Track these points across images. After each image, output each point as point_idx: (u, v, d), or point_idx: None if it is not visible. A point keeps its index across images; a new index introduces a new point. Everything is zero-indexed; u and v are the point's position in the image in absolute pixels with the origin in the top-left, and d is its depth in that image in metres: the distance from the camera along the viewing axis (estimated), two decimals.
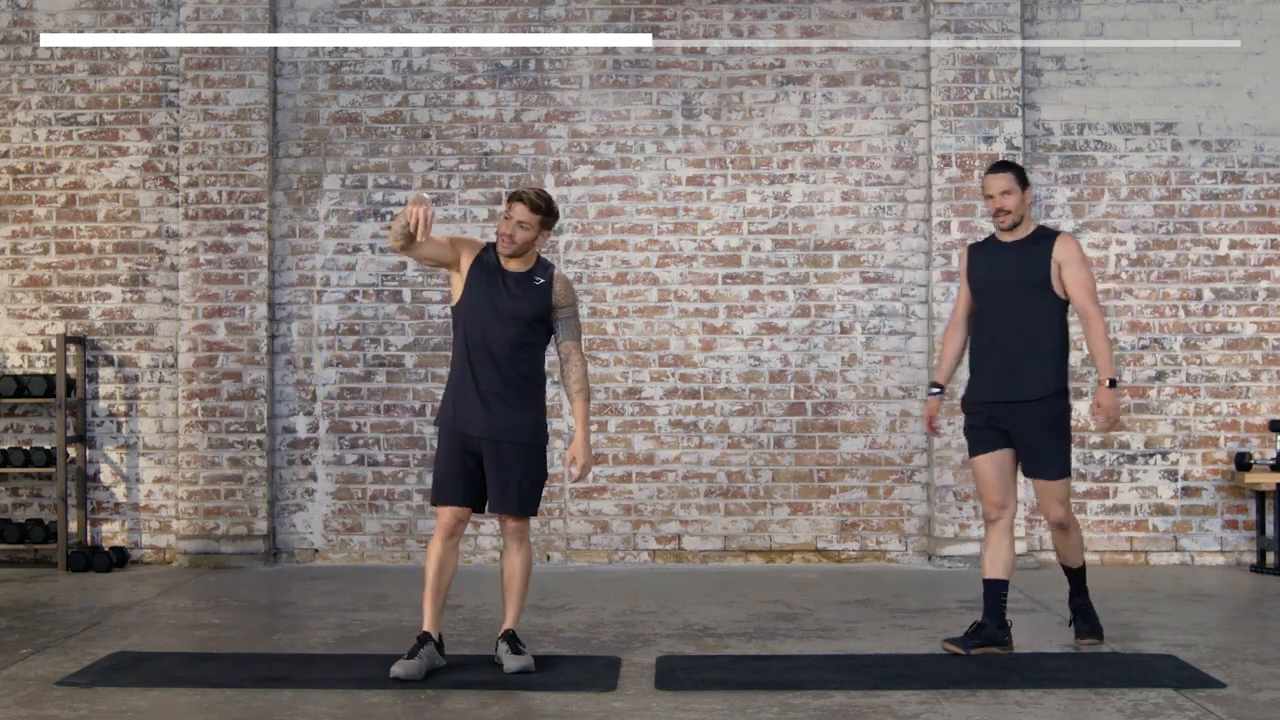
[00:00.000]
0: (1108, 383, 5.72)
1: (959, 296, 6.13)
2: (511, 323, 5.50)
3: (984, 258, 5.99)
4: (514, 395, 5.52)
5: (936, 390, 6.14)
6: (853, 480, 8.51)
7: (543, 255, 5.79)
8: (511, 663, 5.51)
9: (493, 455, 5.49)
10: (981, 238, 6.42)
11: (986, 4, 8.42)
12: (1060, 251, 5.80)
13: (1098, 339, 5.76)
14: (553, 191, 8.62)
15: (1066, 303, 5.86)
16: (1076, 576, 6.07)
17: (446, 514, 5.51)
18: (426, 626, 5.50)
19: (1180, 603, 7.18)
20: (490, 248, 5.62)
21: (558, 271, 5.65)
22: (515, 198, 5.51)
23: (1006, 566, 5.84)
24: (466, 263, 5.56)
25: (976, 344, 5.98)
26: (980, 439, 5.88)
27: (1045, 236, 5.89)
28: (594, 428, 8.56)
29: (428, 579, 5.50)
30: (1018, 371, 5.78)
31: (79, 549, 8.42)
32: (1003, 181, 5.87)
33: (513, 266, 5.57)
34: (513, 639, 5.59)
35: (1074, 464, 8.46)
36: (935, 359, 8.34)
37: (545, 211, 5.53)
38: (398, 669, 5.36)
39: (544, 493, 5.74)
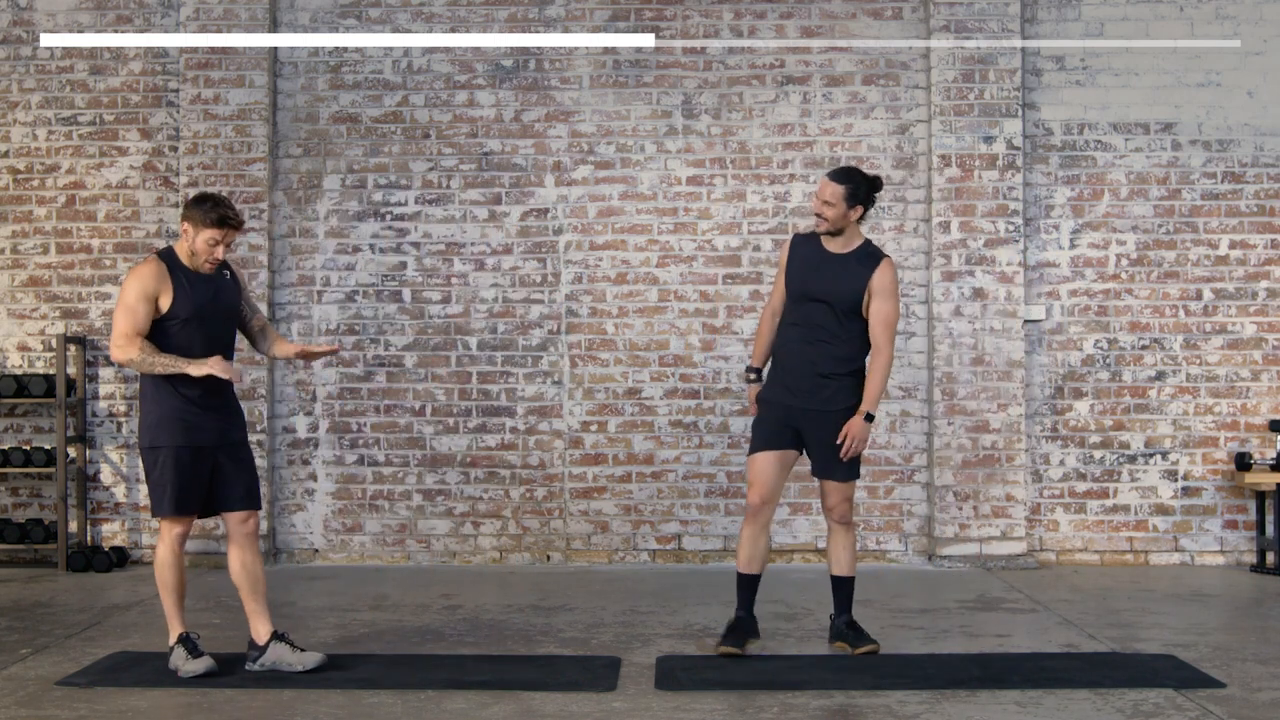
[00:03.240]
0: (865, 415, 5.70)
1: (777, 284, 6.03)
2: (228, 321, 5.66)
3: (806, 257, 5.90)
4: (227, 395, 5.62)
5: (755, 376, 6.05)
6: None
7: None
8: (309, 659, 5.54)
9: (229, 458, 5.57)
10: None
11: (986, 4, 8.42)
12: (878, 279, 5.75)
13: (878, 374, 5.74)
14: (553, 191, 8.64)
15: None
16: (847, 589, 6.01)
17: (186, 524, 5.56)
18: (184, 628, 5.58)
19: (1180, 603, 7.19)
20: (169, 260, 5.51)
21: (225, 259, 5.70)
22: (224, 222, 5.43)
23: (764, 561, 5.95)
24: (165, 288, 5.45)
25: (782, 346, 5.91)
26: (770, 436, 5.82)
27: (871, 256, 5.82)
28: (594, 428, 8.57)
29: (172, 586, 5.53)
30: (822, 382, 5.75)
31: (79, 549, 8.42)
32: (832, 191, 5.79)
33: (205, 269, 5.57)
34: (287, 637, 5.64)
35: (1074, 464, 8.49)
36: (933, 358, 8.35)
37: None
38: (198, 666, 5.41)
39: (543, 493, 5.72)
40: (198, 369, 5.37)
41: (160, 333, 5.47)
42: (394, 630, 6.45)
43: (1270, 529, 8.28)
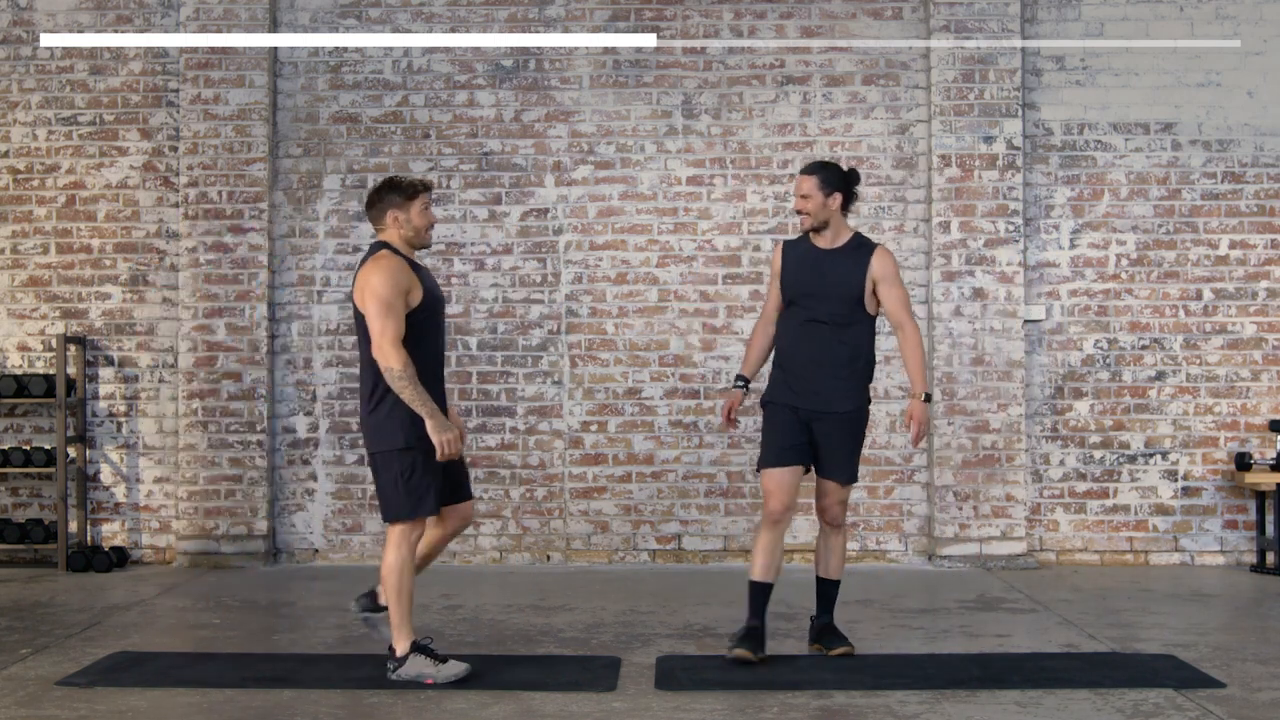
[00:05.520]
0: (923, 396, 5.66)
1: (770, 293, 6.02)
2: (444, 313, 5.68)
3: (799, 258, 5.87)
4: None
5: (742, 384, 5.98)
6: None
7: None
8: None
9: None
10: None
11: (986, 4, 8.42)
12: (878, 267, 5.73)
13: (915, 352, 5.69)
14: (553, 191, 8.63)
15: (875, 315, 5.81)
16: (832, 592, 5.93)
17: (424, 525, 5.41)
18: (415, 635, 5.46)
19: (1180, 603, 7.19)
20: (400, 253, 5.47)
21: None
22: (426, 185, 5.53)
23: (780, 570, 5.83)
24: (415, 282, 5.40)
25: (785, 347, 5.85)
26: (783, 451, 5.74)
27: (864, 246, 5.80)
28: (594, 428, 8.57)
29: (411, 592, 5.31)
30: (829, 381, 5.71)
31: (79, 549, 8.42)
32: (805, 184, 5.79)
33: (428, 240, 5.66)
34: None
35: (1074, 464, 8.49)
36: (933, 358, 8.35)
37: None
38: (457, 669, 5.31)
39: (543, 493, 5.68)
40: (439, 426, 5.18)
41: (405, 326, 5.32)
42: None
43: (1270, 529, 8.28)
